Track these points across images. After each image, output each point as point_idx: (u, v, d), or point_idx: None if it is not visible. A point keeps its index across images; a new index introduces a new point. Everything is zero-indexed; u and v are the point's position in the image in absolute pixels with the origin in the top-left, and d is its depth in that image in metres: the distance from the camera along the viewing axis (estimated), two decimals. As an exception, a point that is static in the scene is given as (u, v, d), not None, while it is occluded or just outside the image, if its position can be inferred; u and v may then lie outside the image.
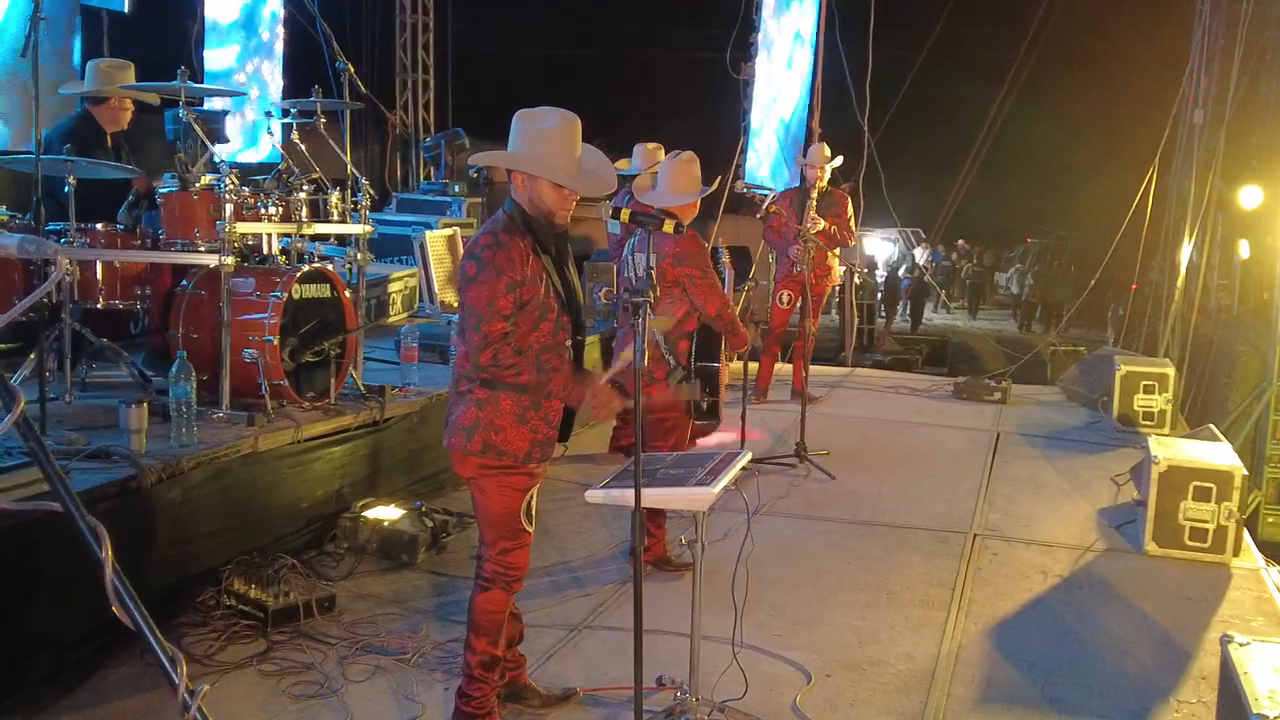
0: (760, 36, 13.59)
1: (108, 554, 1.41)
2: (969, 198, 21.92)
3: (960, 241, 33.32)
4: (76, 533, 1.41)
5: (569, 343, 3.80)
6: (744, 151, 12.32)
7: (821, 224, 8.48)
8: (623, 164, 7.43)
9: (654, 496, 3.51)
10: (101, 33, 9.34)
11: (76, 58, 8.62)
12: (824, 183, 8.68)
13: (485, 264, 3.54)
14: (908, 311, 27.12)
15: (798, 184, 8.88)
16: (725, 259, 6.93)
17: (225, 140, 6.12)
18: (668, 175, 5.44)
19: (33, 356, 5.19)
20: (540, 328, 3.66)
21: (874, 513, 6.69)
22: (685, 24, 24.74)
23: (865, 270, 24.84)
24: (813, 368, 11.48)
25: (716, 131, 7.77)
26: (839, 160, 9.00)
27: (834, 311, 18.72)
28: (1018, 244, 35.09)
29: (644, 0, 27.48)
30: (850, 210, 8.89)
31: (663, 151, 7.24)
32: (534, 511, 3.79)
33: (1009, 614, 5.24)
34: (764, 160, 14.22)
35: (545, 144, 3.63)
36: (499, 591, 3.77)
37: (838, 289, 12.74)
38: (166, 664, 1.42)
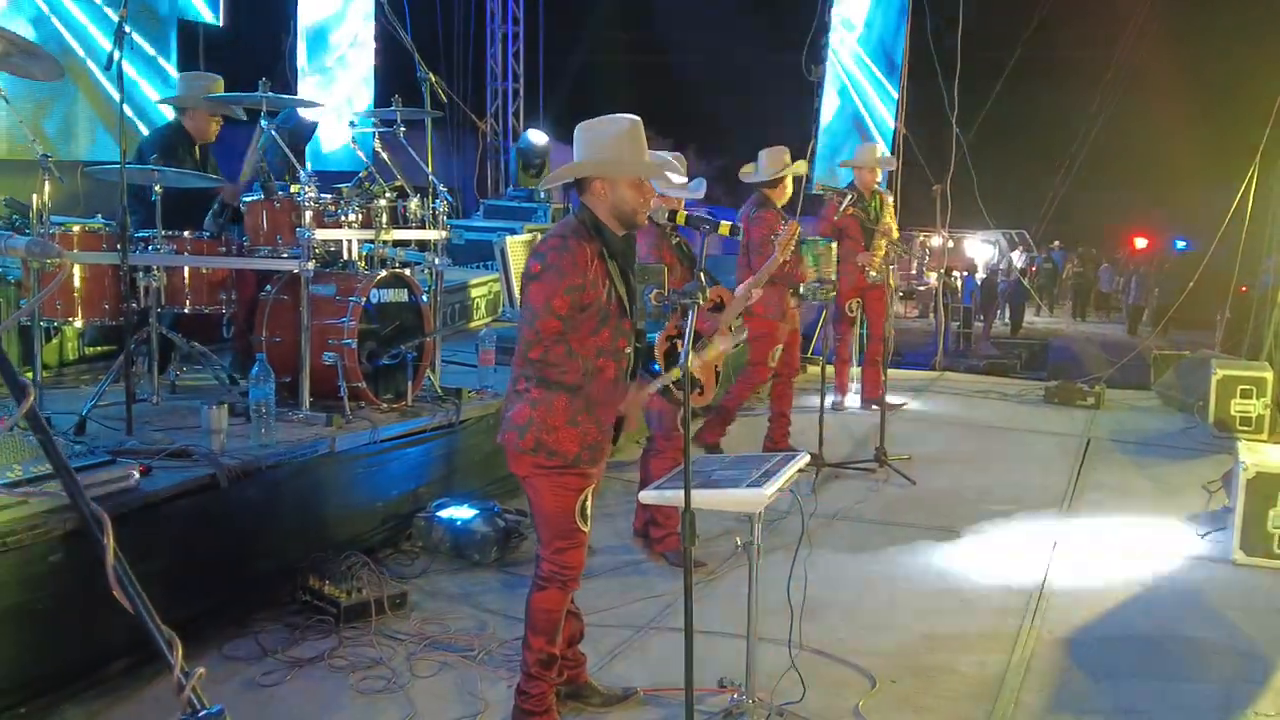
0: (833, 37, 13.50)
1: (109, 540, 1.48)
2: (1067, 199, 21.44)
3: (1055, 243, 32.51)
4: (81, 519, 1.47)
5: (629, 350, 3.84)
6: (815, 154, 12.23)
7: (895, 232, 8.47)
8: (748, 169, 7.40)
9: (706, 498, 3.52)
10: (197, 46, 9.66)
11: (173, 70, 8.95)
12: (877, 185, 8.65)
13: (549, 265, 3.60)
14: (1007, 315, 26.60)
15: (846, 185, 8.71)
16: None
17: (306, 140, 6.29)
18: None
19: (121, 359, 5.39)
20: (601, 333, 3.70)
21: (953, 519, 6.59)
22: (763, 28, 24.66)
23: (963, 273, 24.46)
24: (899, 372, 11.42)
25: (795, 134, 7.72)
26: (893, 163, 8.91)
27: (930, 315, 18.47)
28: (1120, 246, 34.16)
29: (726, 4, 27.47)
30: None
31: (789, 154, 7.20)
32: (589, 512, 3.82)
33: (1086, 622, 5.12)
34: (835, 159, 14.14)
35: (620, 146, 3.71)
36: (555, 590, 3.81)
37: (932, 292, 12.57)
38: (163, 646, 1.48)
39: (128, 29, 4.96)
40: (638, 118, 3.77)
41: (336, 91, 12.17)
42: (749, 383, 7.34)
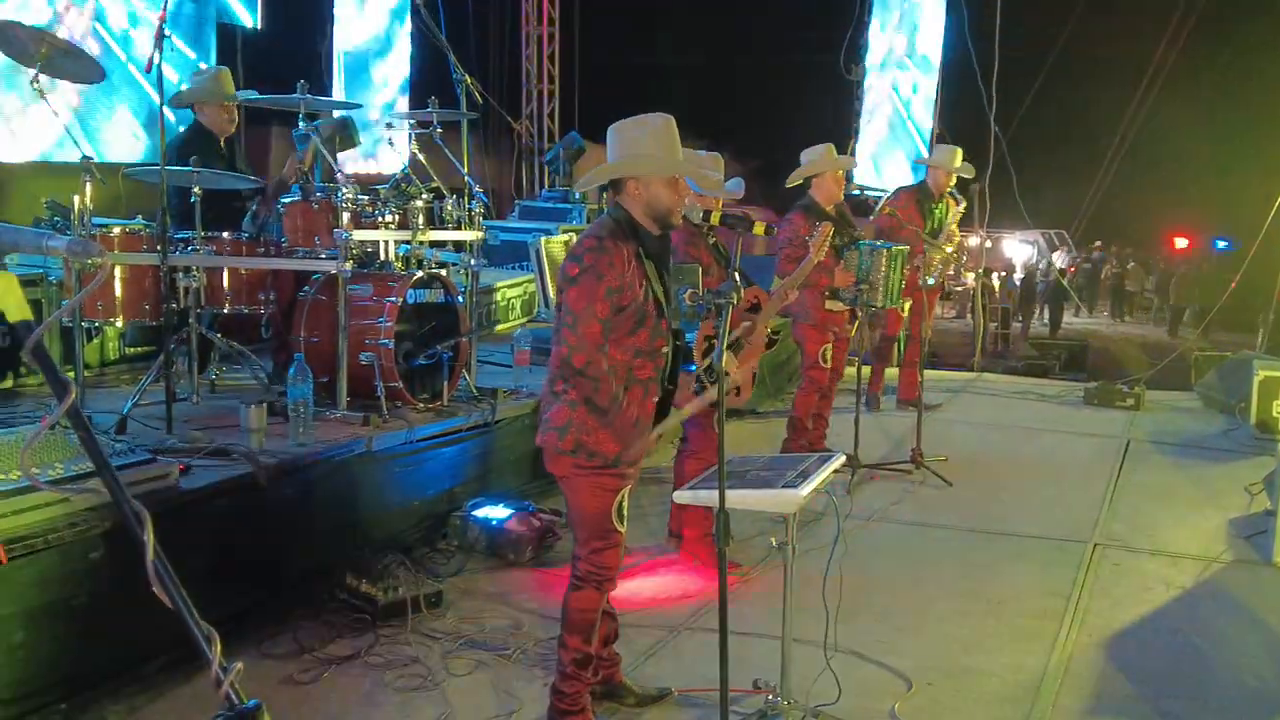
0: (871, 36, 13.47)
1: (149, 537, 1.49)
2: (1107, 198, 21.20)
3: (1096, 244, 32.13)
4: (122, 516, 1.49)
5: (666, 350, 3.83)
6: (854, 153, 12.18)
7: (958, 237, 8.43)
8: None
9: (740, 498, 3.51)
10: (236, 48, 9.76)
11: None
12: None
13: (587, 267, 3.60)
14: (1046, 316, 26.36)
15: (916, 183, 8.67)
16: None
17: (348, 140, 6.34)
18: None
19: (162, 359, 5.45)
20: (638, 334, 3.69)
21: (990, 520, 6.54)
22: (801, 27, 24.54)
23: (1002, 273, 24.26)
24: (936, 373, 11.35)
25: (829, 134, 7.68)
26: (970, 170, 8.85)
27: (967, 315, 18.34)
28: (1160, 246, 33.71)
29: (761, 4, 27.36)
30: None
31: (834, 150, 7.13)
32: (625, 512, 3.83)
33: (1126, 625, 5.07)
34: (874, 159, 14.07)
35: (654, 144, 3.71)
36: (591, 590, 3.82)
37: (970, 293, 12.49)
38: (201, 642, 1.50)
39: (167, 32, 5.01)
40: (669, 116, 3.76)
41: (372, 93, 12.25)
42: (811, 388, 7.24)
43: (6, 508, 3.72)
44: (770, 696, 3.98)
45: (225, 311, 6.05)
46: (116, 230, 5.70)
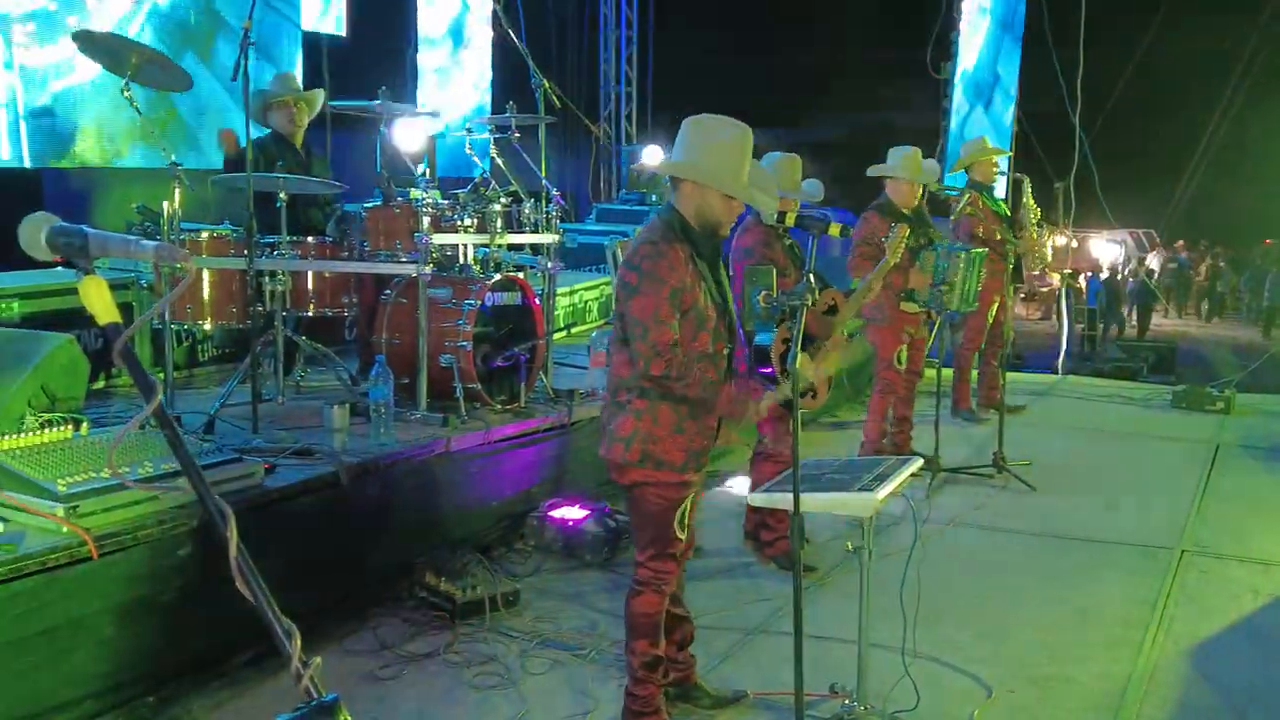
0: (960, 33, 13.30)
1: (233, 533, 1.53)
2: (1195, 197, 20.66)
3: (1179, 243, 31.27)
4: (207, 513, 1.53)
5: (726, 352, 3.81)
6: (944, 152, 12.03)
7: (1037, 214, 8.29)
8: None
9: (815, 501, 3.50)
10: (321, 60, 9.93)
11: (299, 83, 9.21)
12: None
13: (646, 274, 3.56)
14: (1134, 317, 25.79)
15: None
16: None
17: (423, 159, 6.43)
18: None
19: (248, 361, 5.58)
20: (699, 337, 3.66)
21: (1075, 526, 6.42)
22: (885, 24, 24.31)
23: (1088, 274, 23.80)
24: (1020, 375, 11.16)
25: (918, 134, 7.58)
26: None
27: (1053, 317, 18.03)
28: (1254, 245, 32.71)
29: (840, 2, 27.16)
30: None
31: (919, 158, 7.04)
32: (688, 520, 3.83)
33: (1213, 634, 4.95)
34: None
35: (721, 156, 3.64)
36: (651, 594, 3.83)
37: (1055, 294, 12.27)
38: (282, 637, 1.53)
39: (253, 40, 5.12)
40: (747, 129, 3.68)
41: (454, 99, 12.40)
42: (884, 389, 7.17)
43: (97, 505, 3.82)
44: (847, 701, 3.96)
45: (309, 314, 6.17)
46: (204, 235, 5.85)
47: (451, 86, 12.47)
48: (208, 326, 6.04)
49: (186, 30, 8.48)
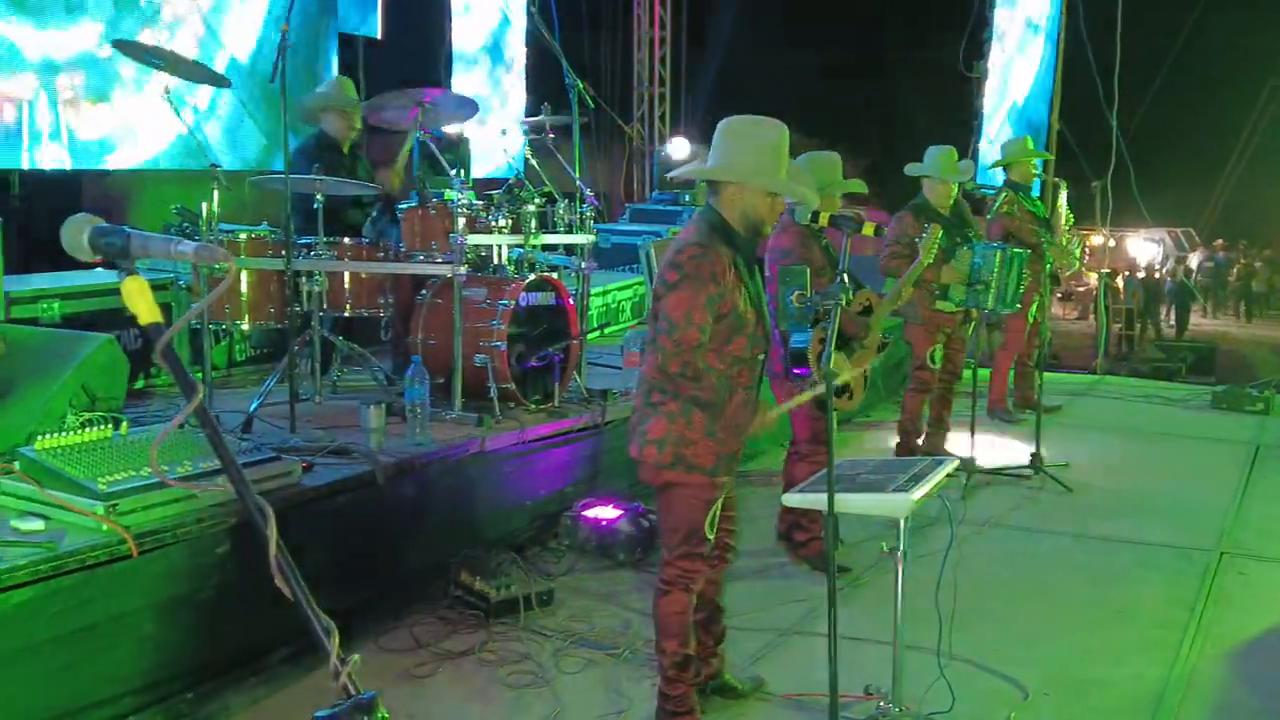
0: (994, 30, 13.22)
1: (273, 531, 1.55)
2: (1233, 196, 20.40)
3: (1217, 242, 30.87)
4: (247, 511, 1.55)
5: (761, 356, 3.81)
6: (977, 153, 11.94)
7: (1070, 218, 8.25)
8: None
9: (850, 502, 3.49)
10: (356, 59, 9.99)
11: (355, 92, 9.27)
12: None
13: (688, 274, 3.57)
14: (1172, 317, 25.51)
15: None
16: None
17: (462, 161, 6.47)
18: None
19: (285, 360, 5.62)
20: (735, 341, 3.67)
21: (1112, 528, 6.36)
22: (917, 25, 24.14)
23: (1126, 273, 23.57)
24: (1057, 375, 11.06)
25: (945, 134, 7.52)
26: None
27: (1090, 316, 17.86)
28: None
29: (872, 3, 27.02)
30: None
31: (954, 158, 6.99)
32: (717, 522, 3.83)
33: (1253, 637, 4.90)
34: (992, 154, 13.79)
35: (761, 155, 3.66)
36: (679, 594, 3.83)
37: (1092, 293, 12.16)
38: (321, 634, 1.55)
39: (290, 42, 5.16)
40: (784, 127, 3.70)
41: (487, 98, 12.42)
42: (918, 389, 7.14)
43: (137, 503, 3.86)
44: (882, 703, 3.94)
45: (346, 314, 6.21)
46: (243, 236, 5.91)
47: (485, 85, 12.50)
48: (245, 326, 6.09)
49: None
